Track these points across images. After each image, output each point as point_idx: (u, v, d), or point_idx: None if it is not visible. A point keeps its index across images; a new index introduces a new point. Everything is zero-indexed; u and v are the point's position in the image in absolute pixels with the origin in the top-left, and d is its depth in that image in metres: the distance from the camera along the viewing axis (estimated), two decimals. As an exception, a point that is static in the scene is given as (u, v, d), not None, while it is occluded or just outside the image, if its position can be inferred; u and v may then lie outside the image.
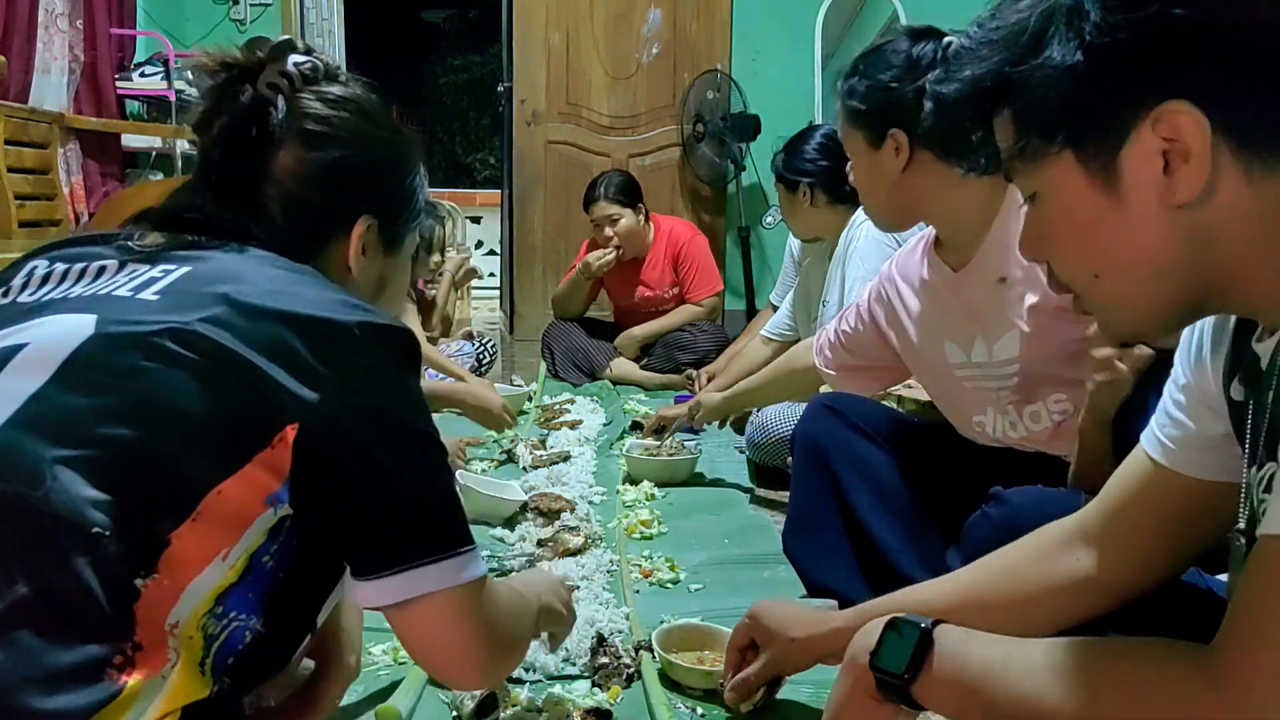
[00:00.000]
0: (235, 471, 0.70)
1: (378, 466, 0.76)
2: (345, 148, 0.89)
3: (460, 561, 0.79)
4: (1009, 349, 1.51)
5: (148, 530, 0.67)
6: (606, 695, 1.31)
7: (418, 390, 0.81)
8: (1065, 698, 0.72)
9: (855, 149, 1.55)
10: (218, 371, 0.71)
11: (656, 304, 3.88)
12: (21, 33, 3.70)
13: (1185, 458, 0.86)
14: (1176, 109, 0.64)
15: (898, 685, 0.82)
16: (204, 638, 0.70)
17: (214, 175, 0.87)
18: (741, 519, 2.18)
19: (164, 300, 0.75)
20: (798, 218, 2.74)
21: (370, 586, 0.78)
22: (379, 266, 0.94)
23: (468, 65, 10.96)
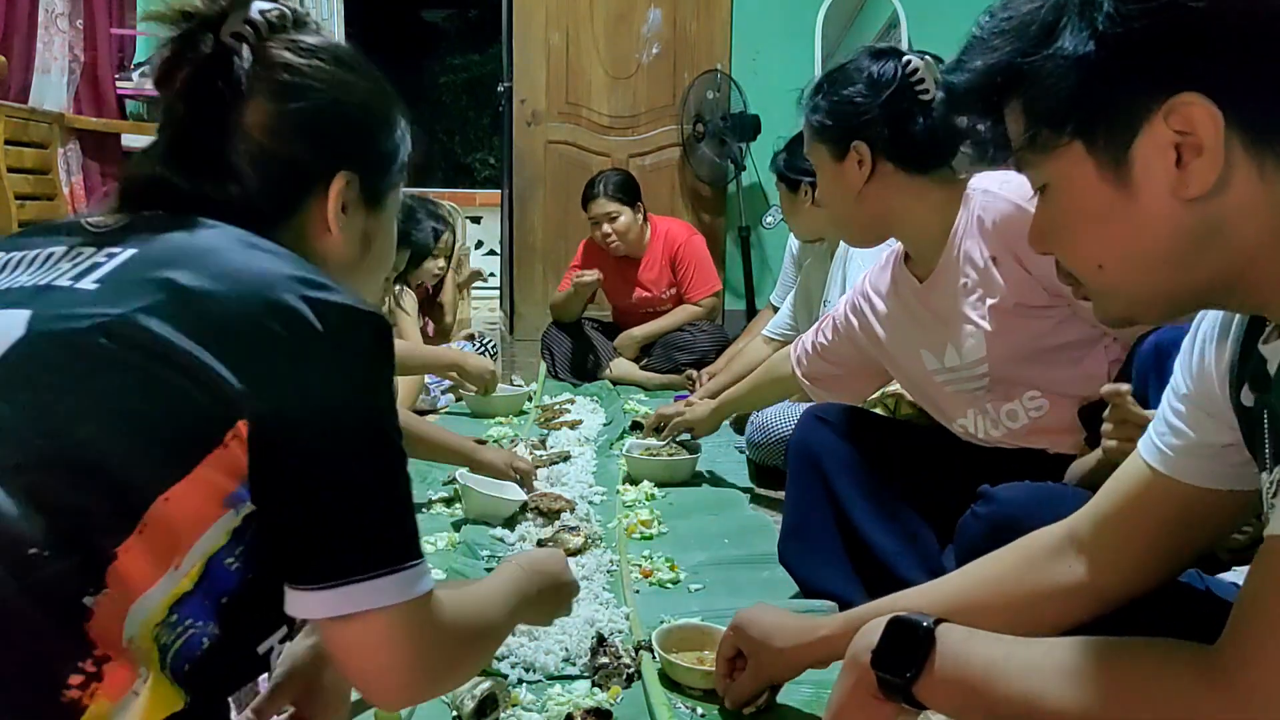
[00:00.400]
0: (184, 476, 0.64)
1: (327, 466, 0.70)
2: (319, 98, 0.82)
3: (407, 577, 0.72)
4: (977, 349, 1.55)
5: (90, 546, 0.61)
6: (606, 695, 1.31)
7: (382, 383, 0.74)
8: (1069, 697, 0.72)
9: (820, 163, 1.60)
10: (156, 367, 0.65)
11: (654, 304, 3.88)
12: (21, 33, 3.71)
13: (1184, 465, 0.85)
14: (1190, 101, 0.63)
15: (899, 684, 0.82)
16: (158, 648, 0.64)
17: (178, 133, 0.81)
18: (741, 519, 2.18)
19: (102, 289, 0.69)
20: (799, 217, 2.76)
21: (306, 597, 0.70)
22: (362, 224, 0.87)
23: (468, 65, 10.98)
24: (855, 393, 1.89)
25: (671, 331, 3.77)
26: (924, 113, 1.50)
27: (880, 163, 1.53)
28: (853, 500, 1.63)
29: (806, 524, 1.69)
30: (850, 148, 1.53)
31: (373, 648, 0.73)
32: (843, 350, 1.82)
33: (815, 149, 1.60)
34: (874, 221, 1.59)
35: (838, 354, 1.83)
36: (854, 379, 1.85)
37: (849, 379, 1.85)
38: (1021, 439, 1.56)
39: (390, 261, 0.95)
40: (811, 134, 1.60)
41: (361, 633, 0.72)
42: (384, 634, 0.72)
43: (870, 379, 1.85)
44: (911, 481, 1.65)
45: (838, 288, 2.51)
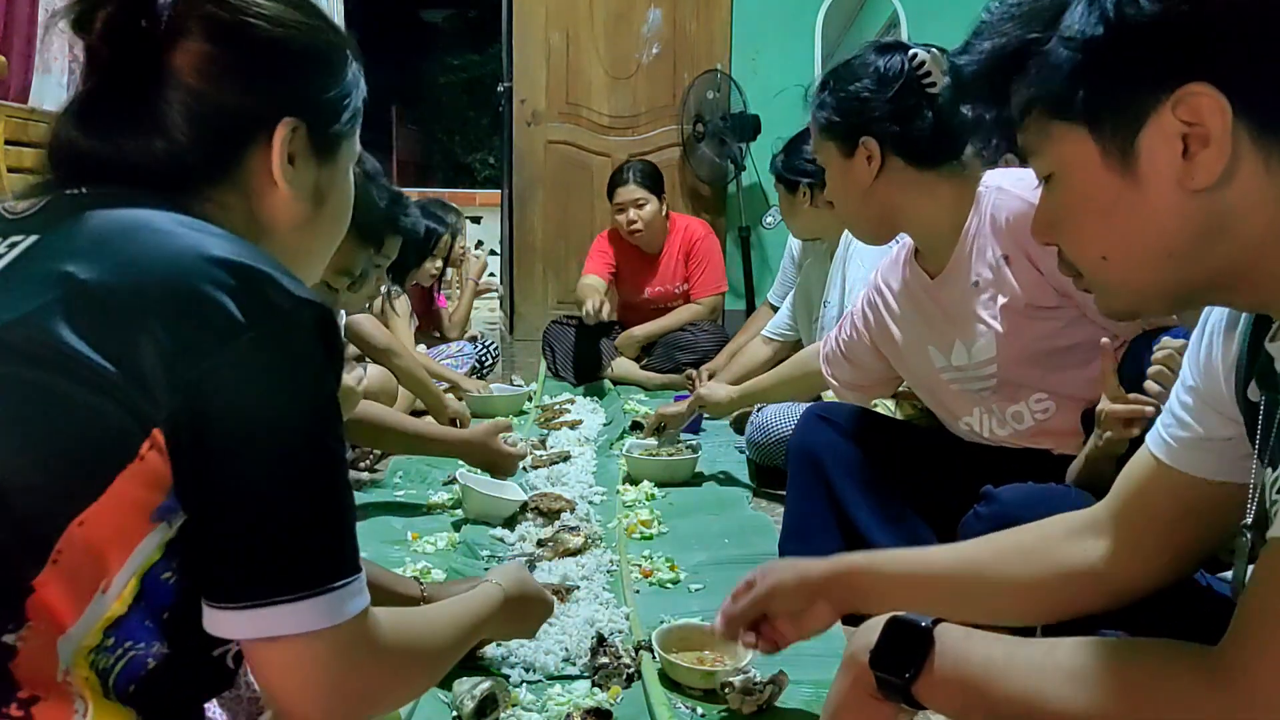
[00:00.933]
0: (98, 495, 0.58)
1: (249, 474, 0.62)
2: (257, 35, 0.73)
3: (335, 598, 0.65)
4: (986, 350, 1.54)
5: (3, 579, 0.57)
6: (606, 695, 1.31)
7: (315, 381, 0.66)
8: (1070, 697, 0.72)
9: (829, 160, 1.60)
10: (55, 377, 0.58)
11: (666, 300, 3.89)
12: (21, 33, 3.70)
13: (1189, 457, 0.86)
14: (1198, 92, 0.62)
15: (898, 684, 0.82)
16: (97, 674, 0.60)
17: (100, 84, 0.72)
18: (741, 519, 2.18)
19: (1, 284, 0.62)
20: (798, 218, 2.76)
21: (224, 615, 0.63)
22: (313, 178, 0.79)
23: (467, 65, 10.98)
24: (878, 394, 1.90)
25: (672, 331, 3.77)
26: (932, 107, 1.50)
27: (889, 158, 1.52)
28: (853, 500, 1.63)
29: (807, 524, 1.69)
30: (859, 144, 1.53)
31: (292, 672, 0.66)
32: (860, 348, 1.82)
33: (823, 146, 1.60)
34: (884, 217, 1.59)
35: (857, 352, 1.83)
36: (874, 378, 1.85)
37: (869, 378, 1.85)
38: (1027, 439, 1.56)
39: (346, 221, 0.86)
40: (819, 131, 1.60)
41: (282, 656, 0.65)
42: (306, 659, 0.65)
43: (890, 380, 1.85)
44: (912, 481, 1.65)
45: (837, 288, 2.51)
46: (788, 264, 3.29)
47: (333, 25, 0.82)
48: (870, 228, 1.63)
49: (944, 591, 1.00)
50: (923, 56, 1.51)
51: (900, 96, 1.50)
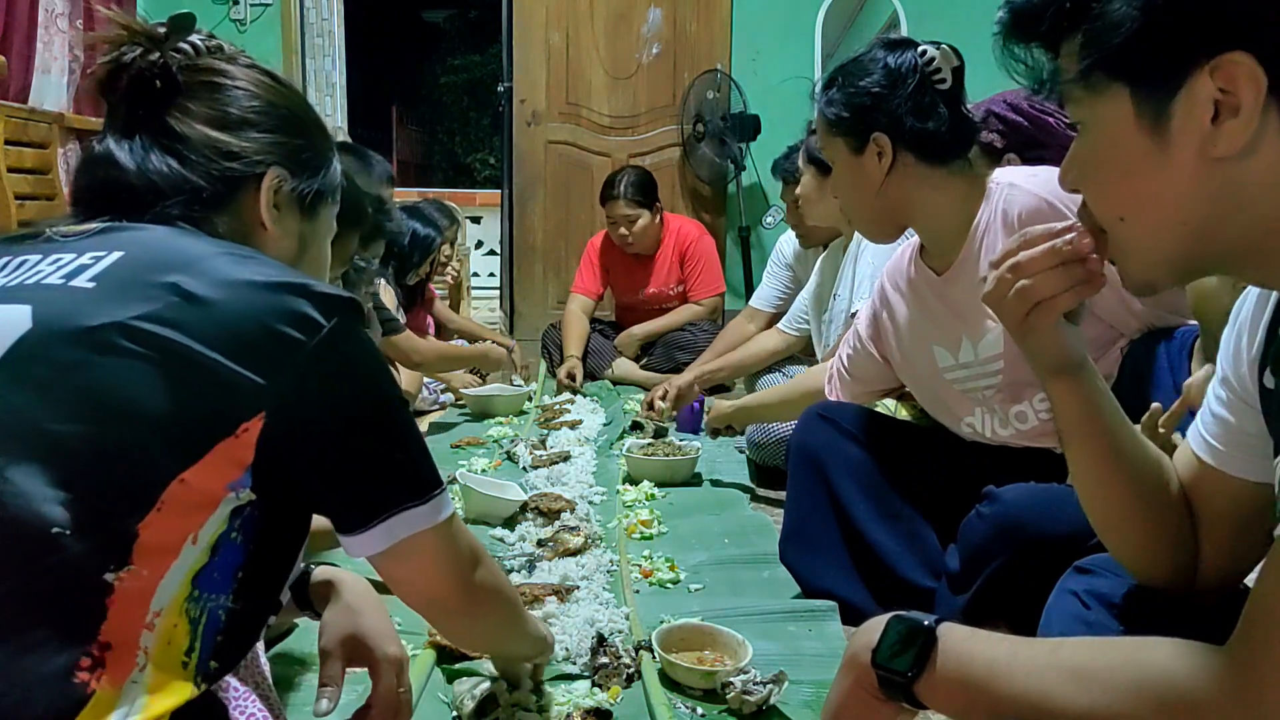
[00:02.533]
0: (198, 459, 0.70)
1: (350, 439, 0.79)
2: (250, 98, 0.90)
3: (436, 503, 0.85)
4: (993, 346, 1.53)
5: (112, 525, 0.66)
6: (606, 695, 1.31)
7: (371, 349, 0.83)
8: (1076, 697, 0.72)
9: (836, 157, 1.59)
10: (174, 367, 0.70)
11: (661, 301, 3.89)
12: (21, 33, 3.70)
13: (1230, 458, 0.85)
14: (1238, 60, 0.63)
15: (901, 684, 0.81)
16: (189, 623, 0.70)
17: (120, 128, 0.88)
18: (741, 519, 2.18)
19: (101, 289, 0.73)
20: (823, 205, 2.63)
21: (357, 540, 0.82)
22: (297, 227, 0.95)
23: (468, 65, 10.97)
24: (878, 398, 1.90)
25: (672, 331, 3.77)
26: (943, 102, 1.50)
27: (900, 154, 1.52)
28: (854, 500, 1.62)
29: (807, 524, 1.68)
30: (870, 140, 1.52)
31: (423, 567, 0.86)
32: (863, 360, 1.82)
33: (831, 143, 1.59)
34: (893, 214, 1.58)
35: (860, 366, 1.83)
36: (875, 389, 1.86)
37: (871, 388, 1.86)
38: (1029, 439, 1.55)
39: (323, 273, 1.02)
40: (827, 127, 1.59)
41: (410, 557, 0.84)
42: (429, 553, 0.85)
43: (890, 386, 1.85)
44: (913, 481, 1.64)
45: (846, 284, 2.49)
46: (777, 267, 3.28)
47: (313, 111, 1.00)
48: (878, 225, 1.62)
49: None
50: (932, 53, 1.50)
51: (913, 92, 1.49)
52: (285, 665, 1.30)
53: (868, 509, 1.60)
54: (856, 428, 1.68)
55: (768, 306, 3.24)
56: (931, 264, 1.61)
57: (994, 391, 1.56)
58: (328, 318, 0.77)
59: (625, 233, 3.75)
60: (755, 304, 3.30)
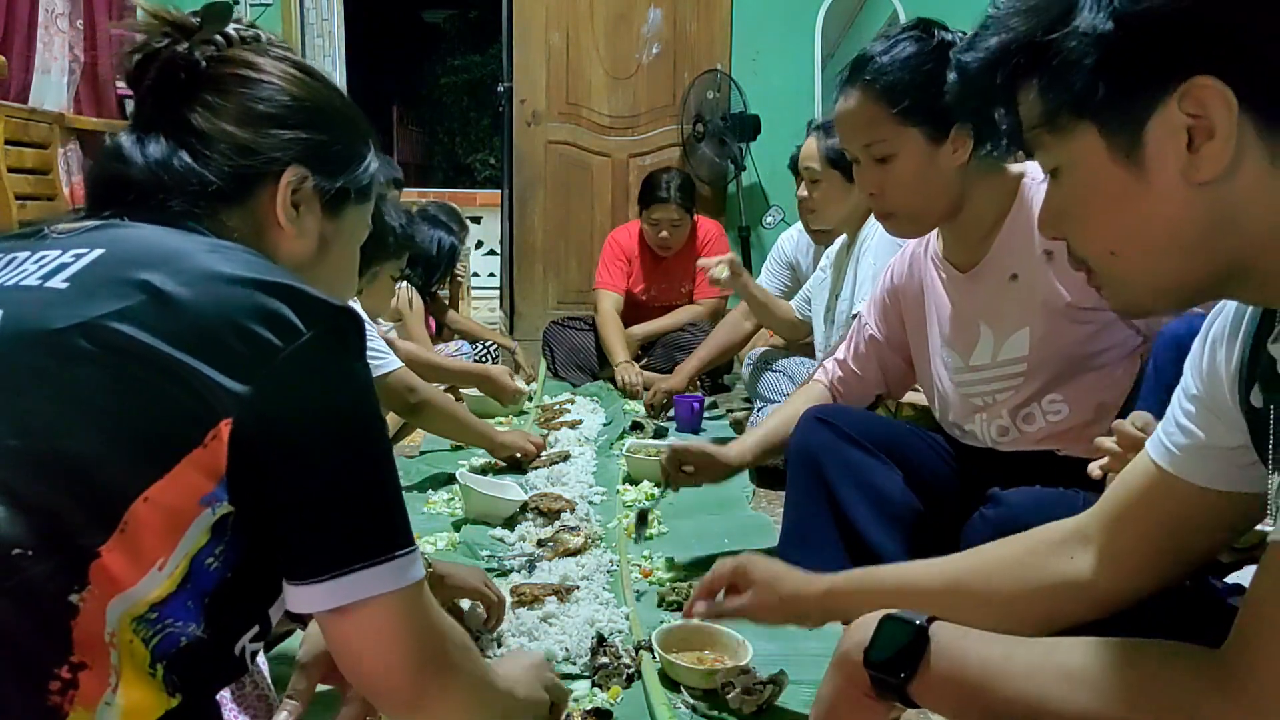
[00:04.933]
0: (162, 475, 0.65)
1: (314, 461, 0.70)
2: (275, 92, 0.86)
3: (400, 564, 0.73)
4: (1018, 348, 1.51)
5: (74, 545, 0.62)
6: (606, 695, 1.31)
7: (361, 376, 0.75)
8: (1071, 699, 0.72)
9: (905, 145, 1.49)
10: (137, 369, 0.66)
11: (670, 299, 3.91)
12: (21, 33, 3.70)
13: (1191, 465, 0.85)
14: (1204, 84, 0.63)
15: (894, 684, 0.81)
16: (141, 641, 0.65)
17: (141, 124, 0.85)
18: (741, 519, 2.18)
19: (73, 289, 0.69)
20: (843, 205, 2.58)
21: (305, 591, 0.71)
22: (317, 227, 0.89)
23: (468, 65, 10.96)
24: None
25: (672, 331, 3.77)
26: None
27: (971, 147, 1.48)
28: (853, 502, 1.61)
29: (806, 525, 1.68)
30: (953, 130, 1.46)
31: (372, 638, 0.74)
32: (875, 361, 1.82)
33: (901, 132, 1.49)
34: (948, 208, 1.53)
35: (870, 366, 1.83)
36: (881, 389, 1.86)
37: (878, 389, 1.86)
38: (1032, 443, 1.54)
39: (349, 278, 0.97)
40: (899, 115, 1.48)
41: (361, 623, 0.73)
42: (383, 623, 0.73)
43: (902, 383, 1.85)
44: (913, 483, 1.64)
45: (849, 286, 2.49)
46: (777, 265, 3.27)
47: (349, 102, 0.94)
48: (929, 220, 1.57)
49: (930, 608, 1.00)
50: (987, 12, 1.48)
51: None
52: (286, 666, 1.30)
53: (867, 511, 1.60)
54: (856, 430, 1.68)
55: None
56: (953, 260, 1.59)
57: (1010, 394, 1.54)
58: (309, 325, 0.71)
59: (667, 235, 3.78)
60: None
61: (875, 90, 1.49)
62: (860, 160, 1.56)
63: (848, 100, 1.53)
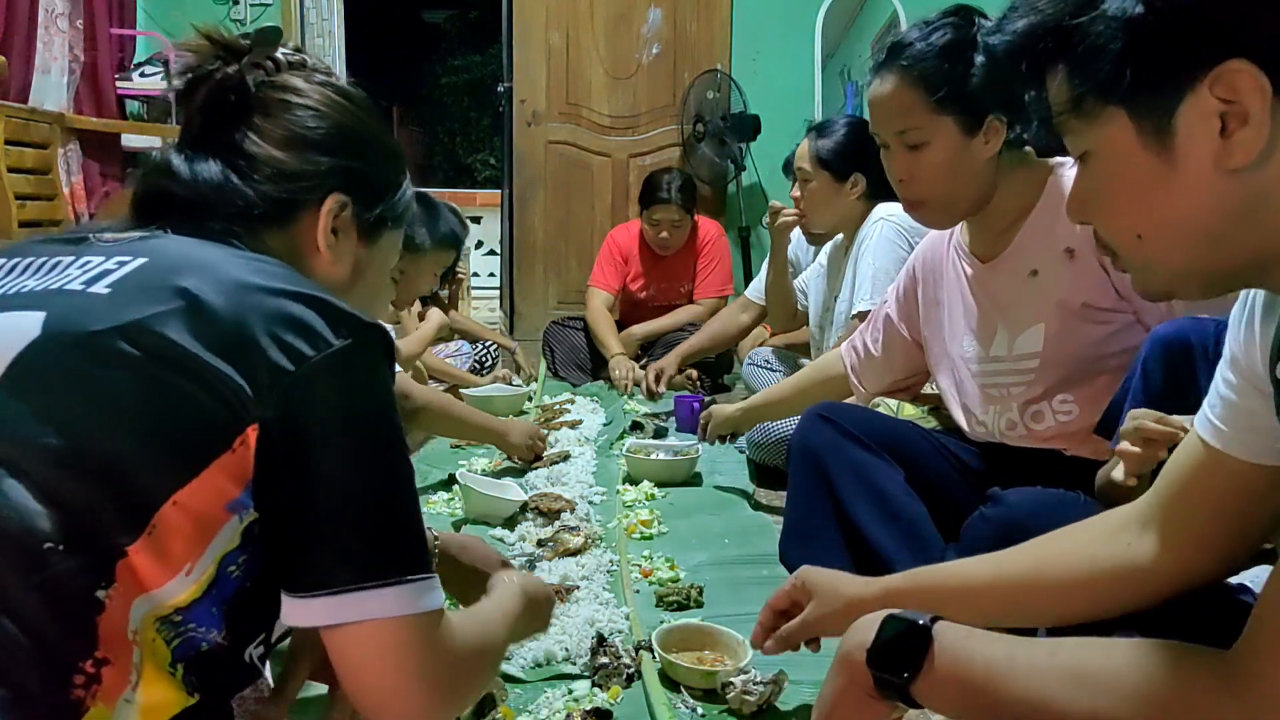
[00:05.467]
0: (191, 479, 0.66)
1: (332, 472, 0.70)
2: (320, 119, 0.88)
3: (415, 589, 0.72)
4: (1032, 343, 1.50)
5: (103, 543, 0.64)
6: (606, 695, 1.31)
7: (386, 393, 0.75)
8: (1076, 700, 0.71)
9: (938, 138, 1.48)
10: (171, 373, 0.67)
11: (669, 299, 3.90)
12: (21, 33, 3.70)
13: (1238, 440, 0.83)
14: (1237, 69, 0.61)
15: (897, 684, 0.81)
16: (163, 641, 0.66)
17: (189, 143, 0.87)
18: (741, 519, 2.18)
19: (115, 294, 0.71)
20: (834, 207, 2.59)
21: (304, 604, 0.70)
22: (353, 253, 0.91)
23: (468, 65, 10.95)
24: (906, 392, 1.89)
25: (672, 331, 3.77)
26: None
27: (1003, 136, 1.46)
28: (854, 500, 1.61)
29: (808, 524, 1.68)
30: (987, 121, 1.45)
31: (375, 661, 0.71)
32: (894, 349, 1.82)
33: (935, 120, 1.48)
34: (980, 198, 1.52)
35: (890, 351, 1.83)
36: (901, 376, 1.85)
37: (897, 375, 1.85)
38: (1039, 441, 1.54)
39: (381, 302, 0.99)
40: (935, 106, 1.47)
41: (364, 644, 0.71)
42: (388, 646, 0.71)
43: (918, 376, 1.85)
44: (914, 481, 1.64)
45: (848, 286, 2.48)
46: None
47: (389, 131, 0.97)
48: (964, 209, 1.55)
49: (991, 604, 0.99)
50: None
51: None
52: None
53: (868, 509, 1.59)
54: (858, 428, 1.67)
55: (761, 299, 3.24)
56: (976, 251, 1.58)
57: (1022, 389, 1.54)
58: (340, 336, 0.72)
59: (667, 235, 3.78)
60: (751, 295, 3.28)
61: (912, 76, 1.47)
62: (891, 146, 1.54)
63: (883, 84, 1.51)
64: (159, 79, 4.29)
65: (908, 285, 1.78)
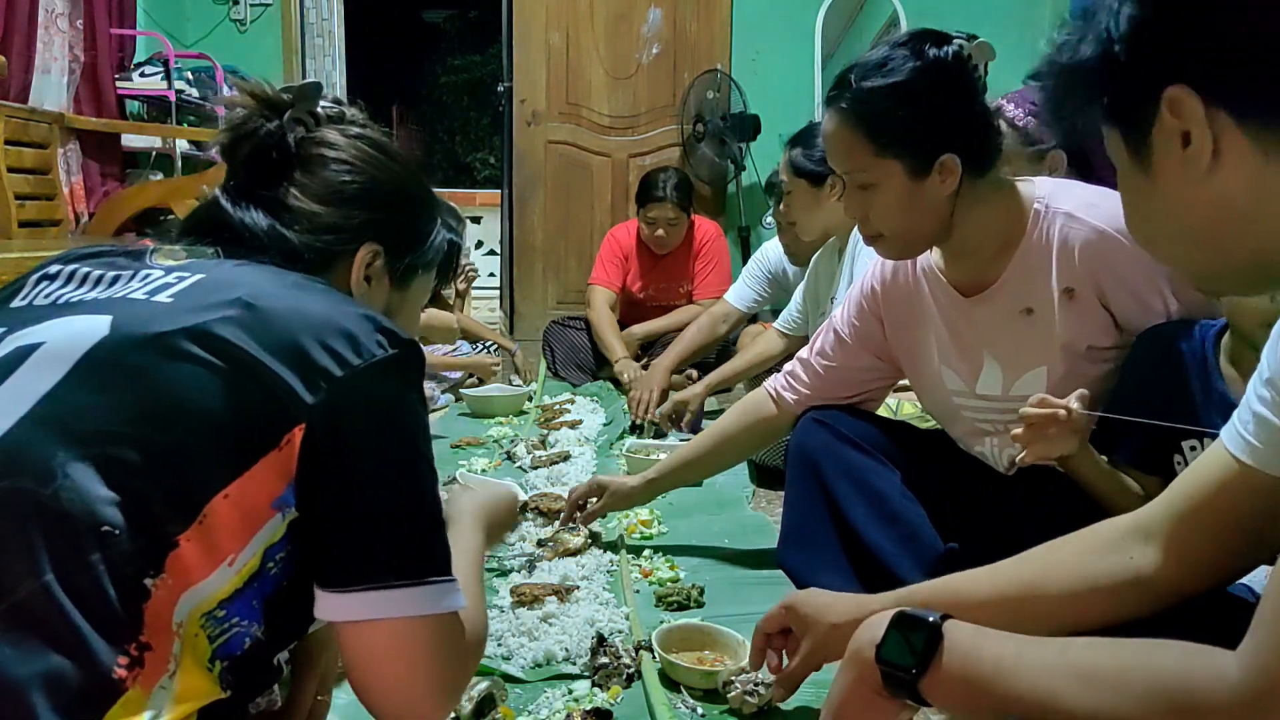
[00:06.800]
0: (242, 474, 0.70)
1: (368, 473, 0.75)
2: (356, 174, 0.93)
3: (439, 590, 0.77)
4: (1034, 385, 1.45)
5: (156, 531, 0.67)
6: (606, 695, 1.31)
7: (419, 406, 0.81)
8: (1084, 698, 0.71)
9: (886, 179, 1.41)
10: (230, 371, 0.72)
11: (669, 299, 3.90)
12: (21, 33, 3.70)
13: (1270, 456, 0.83)
14: (1174, 94, 0.67)
15: (905, 680, 0.81)
16: (206, 638, 0.69)
17: (234, 192, 0.92)
18: (741, 519, 2.18)
19: (177, 303, 0.76)
20: (817, 213, 2.61)
21: (336, 599, 0.74)
22: (384, 298, 0.96)
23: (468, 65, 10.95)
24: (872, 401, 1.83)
25: (672, 331, 3.77)
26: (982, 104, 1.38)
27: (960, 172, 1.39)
28: (851, 502, 1.60)
29: (806, 526, 1.67)
30: (939, 161, 1.38)
31: (392, 657, 0.76)
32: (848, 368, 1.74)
33: (881, 164, 1.41)
34: (939, 232, 1.45)
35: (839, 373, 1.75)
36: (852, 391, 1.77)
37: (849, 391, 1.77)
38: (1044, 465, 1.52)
39: None
40: (878, 149, 1.40)
41: (383, 641, 0.75)
42: (406, 644, 0.76)
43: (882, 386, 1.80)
44: (912, 482, 1.63)
45: (845, 286, 2.48)
46: (759, 269, 3.26)
47: (423, 181, 1.02)
48: (925, 243, 1.49)
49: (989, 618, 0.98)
50: (968, 48, 1.37)
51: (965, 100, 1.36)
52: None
53: (865, 511, 1.59)
54: (853, 431, 1.66)
55: (741, 305, 3.24)
56: (955, 281, 1.53)
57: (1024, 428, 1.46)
58: (384, 348, 0.77)
59: (664, 234, 3.78)
60: (731, 300, 3.28)
61: (853, 119, 1.41)
62: (846, 184, 1.50)
63: (829, 123, 1.46)
64: (159, 79, 4.29)
65: (868, 306, 1.68)
